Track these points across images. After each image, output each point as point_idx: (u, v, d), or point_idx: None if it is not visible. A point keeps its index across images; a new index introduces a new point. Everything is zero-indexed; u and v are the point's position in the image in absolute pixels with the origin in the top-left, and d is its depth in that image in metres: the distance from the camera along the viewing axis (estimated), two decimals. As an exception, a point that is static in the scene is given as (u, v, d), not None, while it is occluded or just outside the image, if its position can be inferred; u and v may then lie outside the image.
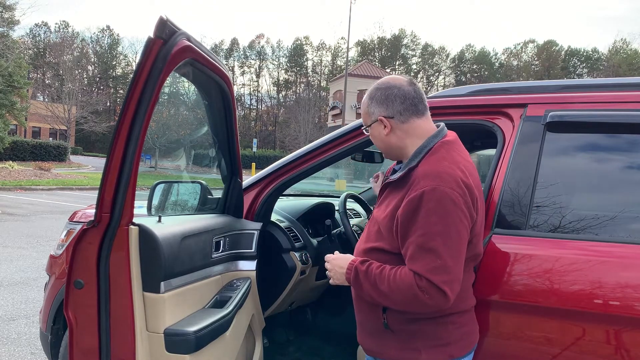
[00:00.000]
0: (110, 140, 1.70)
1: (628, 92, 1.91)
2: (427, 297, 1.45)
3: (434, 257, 1.45)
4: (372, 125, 1.69)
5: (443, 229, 1.45)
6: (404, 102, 1.63)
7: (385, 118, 1.64)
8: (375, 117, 1.67)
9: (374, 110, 1.67)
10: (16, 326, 4.25)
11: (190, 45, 1.80)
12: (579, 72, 61.91)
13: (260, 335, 2.58)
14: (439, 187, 1.47)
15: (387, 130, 1.66)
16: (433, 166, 1.54)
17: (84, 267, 1.77)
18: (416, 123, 1.65)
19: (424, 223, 1.46)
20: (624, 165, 1.87)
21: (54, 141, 36.83)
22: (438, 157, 1.57)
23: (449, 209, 1.46)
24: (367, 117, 1.70)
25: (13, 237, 8.13)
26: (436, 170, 1.52)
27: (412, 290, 1.46)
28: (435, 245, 1.45)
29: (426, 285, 1.45)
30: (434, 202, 1.46)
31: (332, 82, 48.61)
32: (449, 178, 1.49)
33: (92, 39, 64.34)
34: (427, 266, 1.45)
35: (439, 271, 1.45)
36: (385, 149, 1.72)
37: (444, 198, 1.46)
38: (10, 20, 28.12)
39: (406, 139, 1.65)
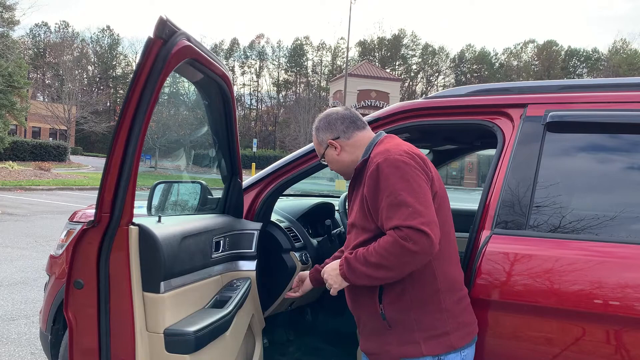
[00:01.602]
0: (110, 140, 1.70)
1: (628, 92, 1.91)
2: (411, 244, 1.53)
3: (404, 208, 1.57)
4: (324, 152, 1.92)
5: (404, 184, 1.60)
6: (343, 121, 1.89)
7: (334, 140, 1.88)
8: (325, 143, 1.91)
9: (322, 137, 1.91)
10: (16, 326, 4.25)
11: (190, 46, 1.80)
12: (579, 72, 61.91)
13: (260, 335, 2.58)
14: (389, 156, 1.66)
15: (338, 150, 1.89)
16: (380, 148, 1.77)
17: (84, 267, 1.77)
18: (359, 135, 1.88)
19: (386, 186, 1.62)
20: (624, 166, 1.87)
21: (54, 141, 36.83)
22: (385, 143, 1.81)
23: (403, 168, 1.63)
24: (319, 147, 1.94)
25: (13, 237, 8.13)
26: (384, 148, 1.74)
27: (398, 244, 1.54)
28: (402, 198, 1.58)
29: (407, 233, 1.53)
30: (389, 167, 1.64)
31: (332, 82, 48.62)
32: (396, 149, 1.70)
33: (92, 39, 64.35)
34: (402, 216, 1.56)
35: (413, 216, 1.55)
36: (342, 169, 1.91)
37: (395, 162, 1.65)
38: (10, 20, 28.11)
39: (356, 152, 1.87)
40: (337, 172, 1.95)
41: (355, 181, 1.83)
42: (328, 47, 67.25)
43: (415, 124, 2.30)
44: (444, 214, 1.73)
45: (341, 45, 64.89)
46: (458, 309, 1.70)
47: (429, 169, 1.71)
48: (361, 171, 1.78)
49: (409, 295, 1.68)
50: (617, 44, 60.79)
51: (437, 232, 1.57)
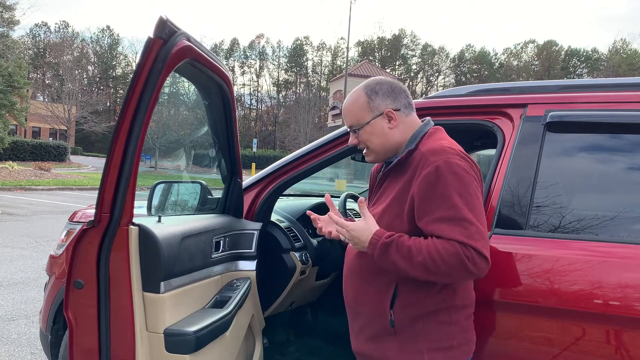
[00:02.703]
0: (110, 140, 1.70)
1: (628, 92, 1.91)
2: (471, 264, 1.44)
3: (468, 225, 1.45)
4: (372, 121, 1.65)
5: (467, 198, 1.48)
6: (407, 96, 1.68)
7: (395, 110, 1.64)
8: (379, 110, 1.64)
9: (379, 103, 1.64)
10: (16, 326, 4.25)
11: (190, 46, 1.80)
12: (579, 72, 61.90)
13: (260, 335, 2.58)
14: (450, 159, 1.50)
15: (393, 123, 1.65)
16: (435, 144, 1.57)
17: (84, 267, 1.77)
18: (413, 117, 1.70)
19: (446, 195, 1.47)
20: (624, 166, 1.87)
21: (54, 141, 36.83)
22: (436, 137, 1.63)
23: (466, 178, 1.49)
24: (365, 113, 1.66)
25: (13, 237, 8.13)
26: (441, 146, 1.55)
27: (459, 259, 1.44)
28: (465, 214, 1.46)
29: (472, 253, 1.44)
30: (451, 174, 1.48)
31: (332, 82, 48.61)
32: (454, 152, 1.53)
33: (92, 39, 64.36)
34: (466, 233, 1.45)
35: (477, 237, 1.45)
36: (383, 146, 1.67)
37: (457, 169, 1.49)
38: (10, 20, 28.11)
39: (406, 133, 1.66)
40: (373, 150, 1.69)
41: (393, 172, 1.66)
42: (328, 47, 67.31)
43: (415, 124, 2.30)
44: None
45: (341, 45, 64.93)
46: (467, 324, 1.64)
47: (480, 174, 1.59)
48: (404, 164, 1.61)
49: (423, 305, 1.58)
50: (617, 44, 60.81)
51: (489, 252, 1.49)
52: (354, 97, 1.69)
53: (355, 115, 1.68)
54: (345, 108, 1.71)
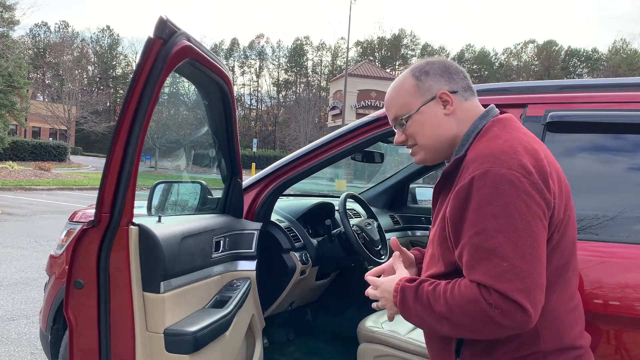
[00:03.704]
0: (110, 140, 1.70)
1: (628, 92, 1.91)
2: (498, 314, 1.09)
3: (497, 260, 1.10)
4: (422, 108, 1.31)
5: (504, 221, 1.10)
6: (465, 77, 1.34)
7: (451, 93, 1.30)
8: (432, 92, 1.31)
9: (432, 84, 1.31)
10: (16, 326, 4.25)
11: (190, 46, 1.80)
12: (579, 72, 61.89)
13: (260, 335, 2.58)
14: (492, 170, 1.13)
15: (449, 109, 1.30)
16: (483, 148, 1.21)
17: (84, 267, 1.77)
18: (475, 102, 1.34)
19: (478, 217, 1.12)
20: (624, 166, 1.87)
21: (54, 141, 36.84)
22: (489, 137, 1.24)
23: (509, 194, 1.11)
24: (415, 99, 1.32)
25: (13, 237, 8.13)
26: (488, 151, 1.18)
27: (479, 307, 1.10)
28: (495, 243, 1.10)
29: (496, 300, 1.08)
30: (487, 188, 1.12)
31: (332, 82, 48.61)
32: (506, 157, 1.15)
33: (92, 39, 64.35)
34: (491, 272, 1.10)
35: (507, 277, 1.08)
36: (437, 139, 1.32)
37: (500, 181, 1.12)
38: (10, 20, 28.12)
39: (463, 124, 1.31)
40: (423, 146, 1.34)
41: (442, 187, 1.32)
42: (328, 47, 67.31)
43: (415, 124, 2.30)
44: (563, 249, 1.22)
45: (341, 45, 64.93)
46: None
47: (553, 185, 1.18)
48: (451, 175, 1.26)
49: (499, 353, 1.22)
50: (617, 44, 60.83)
51: (541, 298, 1.11)
52: (398, 82, 1.37)
53: (401, 103, 1.34)
54: (388, 97, 1.38)
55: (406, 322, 2.63)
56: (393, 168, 4.78)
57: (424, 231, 4.05)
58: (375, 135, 2.35)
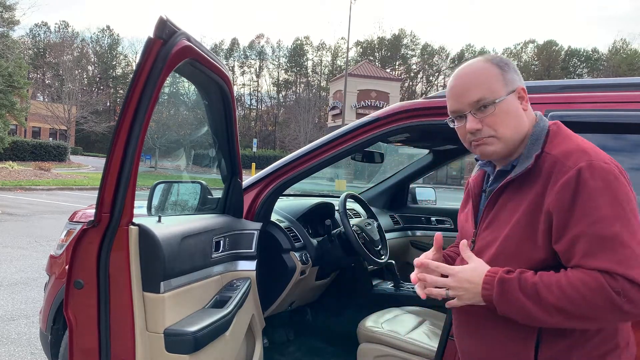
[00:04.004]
0: (110, 140, 1.70)
1: (628, 92, 1.91)
2: (625, 301, 1.08)
3: (619, 247, 1.10)
4: (509, 96, 1.29)
5: (619, 210, 1.13)
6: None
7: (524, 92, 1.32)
8: (514, 85, 1.30)
9: (514, 77, 1.30)
10: (16, 326, 4.25)
11: (190, 46, 1.80)
12: (579, 72, 61.91)
13: (260, 335, 2.58)
14: (595, 162, 1.17)
15: (525, 105, 1.32)
16: (570, 144, 1.24)
17: (84, 267, 1.77)
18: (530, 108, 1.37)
19: (593, 206, 1.13)
20: (624, 166, 1.87)
21: (54, 141, 36.84)
22: (565, 135, 1.28)
23: (616, 184, 1.16)
24: (501, 86, 1.28)
25: (13, 237, 8.13)
26: (579, 146, 1.22)
27: (606, 296, 1.09)
28: (615, 231, 1.11)
29: (623, 286, 1.08)
30: (597, 179, 1.15)
31: (332, 82, 48.62)
32: (598, 152, 1.21)
33: (92, 39, 64.36)
34: (615, 259, 1.10)
35: (632, 263, 1.09)
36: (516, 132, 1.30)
37: (606, 173, 1.16)
38: (11, 20, 28.14)
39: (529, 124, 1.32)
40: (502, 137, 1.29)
41: (513, 186, 1.28)
42: (328, 47, 67.32)
43: (415, 124, 2.30)
44: None
45: (341, 45, 64.94)
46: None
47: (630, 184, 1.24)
48: (530, 173, 1.25)
49: (578, 353, 1.22)
50: (617, 44, 60.86)
51: None
52: (478, 67, 1.31)
53: (488, 87, 1.28)
54: (468, 80, 1.31)
55: (406, 322, 2.65)
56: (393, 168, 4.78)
57: (424, 231, 4.05)
58: (375, 135, 2.35)
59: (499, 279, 1.19)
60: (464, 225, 1.47)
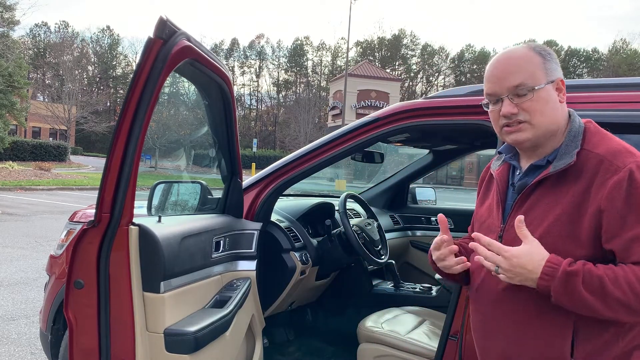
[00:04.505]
0: (110, 140, 1.70)
1: (628, 92, 1.91)
2: None
3: None
4: (547, 86, 1.29)
5: None
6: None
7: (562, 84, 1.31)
8: (554, 76, 1.30)
9: (555, 67, 1.31)
10: (16, 326, 4.25)
11: (190, 46, 1.80)
12: (579, 72, 61.89)
13: (260, 335, 2.58)
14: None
15: (563, 98, 1.32)
16: (613, 143, 1.26)
17: (84, 267, 1.77)
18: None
19: None
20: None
21: (54, 141, 36.84)
22: (604, 135, 1.31)
23: None
24: (542, 74, 1.29)
25: (13, 237, 8.13)
26: (623, 146, 1.25)
27: None
28: None
29: None
30: None
31: (332, 82, 48.62)
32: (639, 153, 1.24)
33: (92, 39, 64.36)
34: None
35: None
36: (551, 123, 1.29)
37: None
38: (11, 20, 28.14)
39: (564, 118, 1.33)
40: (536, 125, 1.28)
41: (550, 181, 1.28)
42: (328, 47, 67.31)
43: (415, 124, 2.30)
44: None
45: (341, 45, 64.93)
46: None
47: None
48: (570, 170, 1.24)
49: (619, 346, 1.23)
50: (617, 44, 60.83)
51: None
52: (520, 53, 1.31)
53: (529, 73, 1.28)
54: (510, 63, 1.30)
55: (406, 322, 2.65)
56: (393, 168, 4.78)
57: (424, 231, 4.05)
58: (375, 135, 2.35)
59: (562, 272, 1.17)
60: (485, 220, 1.44)
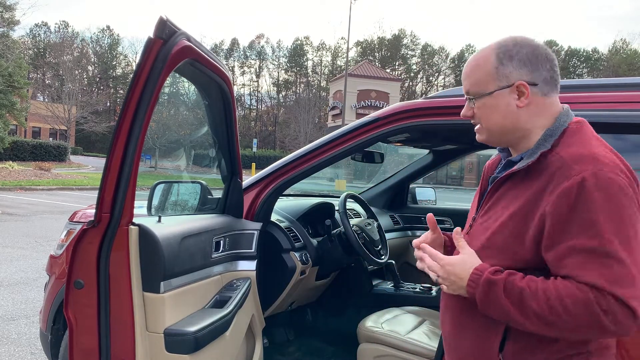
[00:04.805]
0: (110, 140, 1.70)
1: (628, 92, 1.91)
2: (610, 320, 1.07)
3: (615, 265, 1.08)
4: (496, 92, 1.26)
5: (619, 227, 1.09)
6: (551, 68, 1.26)
7: (530, 84, 1.24)
8: (510, 81, 1.24)
9: (512, 72, 1.24)
10: (16, 326, 4.25)
11: (190, 46, 1.80)
12: (579, 72, 61.91)
13: (260, 335, 2.58)
14: (602, 172, 1.11)
15: (523, 101, 1.25)
16: (583, 147, 1.18)
17: (84, 267, 1.77)
18: (554, 99, 1.28)
19: (593, 220, 1.10)
20: (624, 165, 1.87)
21: (54, 141, 36.84)
22: (583, 138, 1.22)
23: (621, 200, 1.11)
24: (492, 80, 1.26)
25: (13, 237, 8.13)
26: (591, 152, 1.16)
27: (591, 312, 1.07)
28: (614, 248, 1.08)
29: (610, 304, 1.06)
30: (602, 191, 1.10)
31: (332, 82, 48.63)
32: (609, 161, 1.14)
33: (92, 39, 64.35)
34: (609, 276, 1.07)
35: (624, 283, 1.07)
36: (501, 128, 1.29)
37: (611, 186, 1.11)
38: (11, 20, 28.14)
39: (538, 119, 1.26)
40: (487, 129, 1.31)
41: (517, 177, 1.25)
42: (328, 47, 67.31)
43: (415, 124, 2.30)
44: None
45: (341, 45, 64.93)
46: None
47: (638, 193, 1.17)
48: (532, 170, 1.22)
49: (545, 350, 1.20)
50: (617, 44, 60.87)
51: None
52: (480, 57, 1.29)
53: (476, 80, 1.29)
54: (466, 69, 1.32)
55: (406, 322, 2.65)
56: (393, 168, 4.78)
57: (424, 231, 4.03)
58: (375, 135, 2.35)
59: (484, 280, 1.18)
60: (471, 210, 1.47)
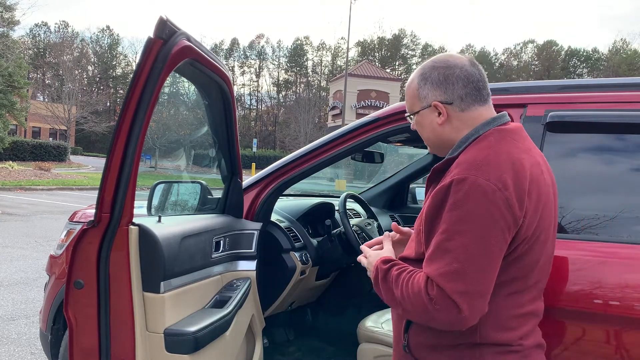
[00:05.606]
0: (110, 140, 1.70)
1: (628, 92, 1.91)
2: (435, 308, 1.18)
3: (449, 260, 1.18)
4: (421, 112, 1.40)
5: (467, 227, 1.18)
6: (466, 85, 1.36)
7: (442, 104, 1.36)
8: (427, 102, 1.38)
9: (428, 94, 1.38)
10: (16, 326, 4.25)
11: (190, 46, 1.80)
12: (579, 72, 61.88)
13: (260, 335, 2.58)
14: (470, 177, 1.20)
15: (442, 118, 1.37)
16: (471, 155, 1.27)
17: (84, 267, 1.77)
18: (477, 112, 1.36)
19: (447, 218, 1.21)
20: (624, 166, 1.87)
21: (54, 141, 36.85)
22: (483, 145, 1.30)
23: (479, 203, 1.18)
24: (416, 101, 1.41)
25: (13, 237, 8.13)
26: (474, 158, 1.25)
27: (421, 301, 1.20)
28: (453, 245, 1.18)
29: (436, 294, 1.18)
30: (462, 193, 1.19)
31: (332, 82, 48.61)
32: (488, 168, 1.21)
33: (92, 39, 64.36)
34: (440, 269, 1.18)
35: (452, 277, 1.17)
36: (434, 142, 1.43)
37: (474, 189, 1.19)
38: (11, 20, 28.13)
39: (461, 131, 1.36)
40: (426, 140, 1.46)
41: (431, 182, 1.39)
42: (328, 47, 67.30)
43: (415, 124, 2.30)
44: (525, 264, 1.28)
45: (341, 45, 64.91)
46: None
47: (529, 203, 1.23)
48: (440, 173, 1.35)
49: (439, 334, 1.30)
50: (617, 44, 60.88)
51: (480, 306, 1.19)
52: (410, 79, 1.45)
53: (407, 101, 1.46)
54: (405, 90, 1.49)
55: (406, 322, 2.64)
56: (393, 168, 4.78)
57: (424, 231, 4.04)
58: (375, 135, 2.35)
59: (374, 267, 1.40)
60: None
